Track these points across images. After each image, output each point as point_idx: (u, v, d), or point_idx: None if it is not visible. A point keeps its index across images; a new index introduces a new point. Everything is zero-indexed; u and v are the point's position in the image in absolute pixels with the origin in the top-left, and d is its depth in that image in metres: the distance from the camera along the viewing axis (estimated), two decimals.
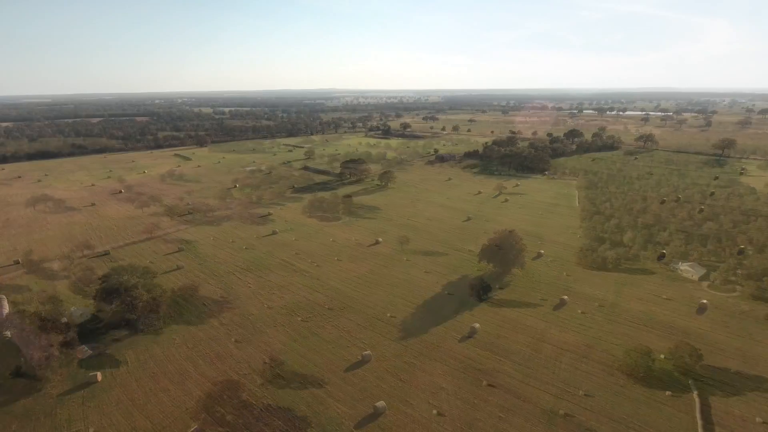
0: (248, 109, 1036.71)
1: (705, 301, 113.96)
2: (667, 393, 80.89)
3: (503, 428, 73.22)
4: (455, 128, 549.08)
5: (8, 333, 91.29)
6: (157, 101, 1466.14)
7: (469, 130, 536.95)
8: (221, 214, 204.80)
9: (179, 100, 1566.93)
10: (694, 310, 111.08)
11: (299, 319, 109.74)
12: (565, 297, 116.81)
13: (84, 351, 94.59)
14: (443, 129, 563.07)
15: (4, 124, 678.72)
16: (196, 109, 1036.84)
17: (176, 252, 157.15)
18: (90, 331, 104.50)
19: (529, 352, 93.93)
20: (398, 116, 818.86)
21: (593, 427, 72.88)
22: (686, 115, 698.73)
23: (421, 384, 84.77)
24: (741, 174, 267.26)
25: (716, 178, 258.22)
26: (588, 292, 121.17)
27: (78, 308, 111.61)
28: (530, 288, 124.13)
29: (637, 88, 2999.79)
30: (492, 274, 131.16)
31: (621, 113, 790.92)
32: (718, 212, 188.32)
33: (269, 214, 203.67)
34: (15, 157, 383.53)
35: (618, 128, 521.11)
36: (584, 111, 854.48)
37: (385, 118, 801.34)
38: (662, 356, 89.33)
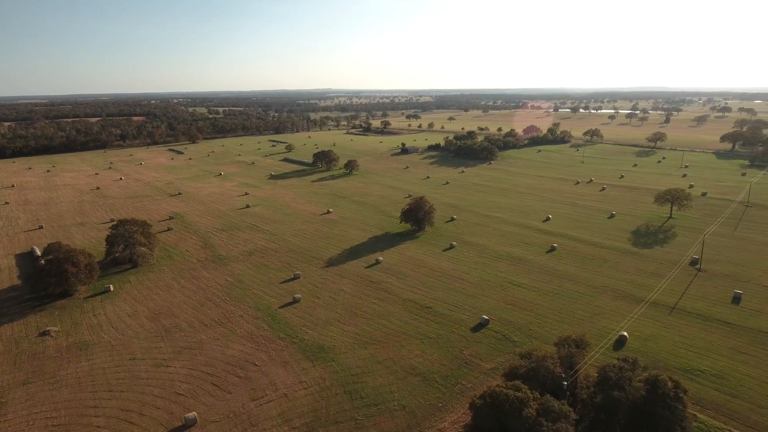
0: (242, 108, 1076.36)
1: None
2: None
3: (375, 308, 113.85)
4: (430, 125, 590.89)
5: (43, 261, 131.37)
6: (153, 101, 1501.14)
7: (442, 127, 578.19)
8: (206, 193, 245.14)
9: (175, 101, 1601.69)
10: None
11: (255, 257, 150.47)
12: (455, 243, 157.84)
13: (99, 274, 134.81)
14: (419, 126, 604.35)
15: (6, 124, 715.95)
16: (191, 109, 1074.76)
17: (167, 220, 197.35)
18: (102, 265, 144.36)
19: (410, 272, 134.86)
20: (384, 115, 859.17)
21: (430, 304, 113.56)
22: (652, 113, 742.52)
23: (329, 288, 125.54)
24: (659, 163, 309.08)
25: (635, 165, 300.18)
26: (475, 241, 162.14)
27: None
28: (433, 238, 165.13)
29: (632, 88, 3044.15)
30: (409, 230, 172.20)
31: (594, 111, 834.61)
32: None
33: (246, 194, 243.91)
34: (22, 152, 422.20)
35: (581, 124, 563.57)
36: (559, 110, 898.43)
37: (370, 116, 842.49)
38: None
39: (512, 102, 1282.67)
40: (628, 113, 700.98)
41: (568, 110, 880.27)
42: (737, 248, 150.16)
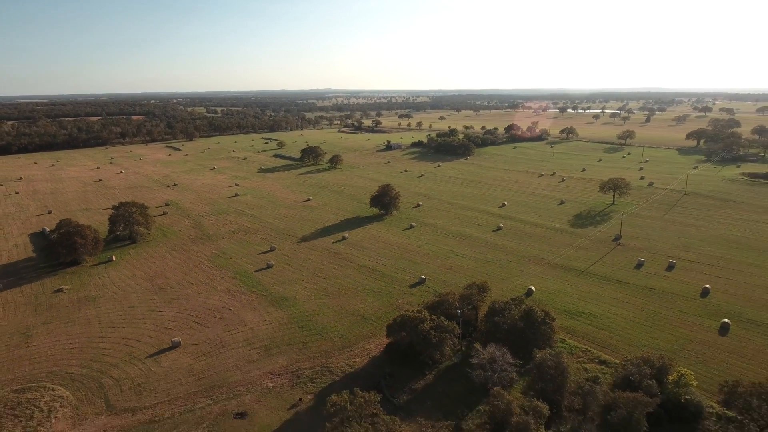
0: (240, 108, 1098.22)
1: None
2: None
3: (334, 271, 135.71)
4: (419, 124, 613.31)
5: (55, 235, 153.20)
6: (152, 101, 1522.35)
7: (430, 126, 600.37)
8: (199, 184, 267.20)
9: (174, 101, 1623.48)
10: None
11: (238, 235, 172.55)
12: (414, 224, 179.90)
13: (103, 247, 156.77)
14: (409, 125, 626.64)
15: (9, 122, 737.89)
16: (189, 109, 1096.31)
17: (164, 206, 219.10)
18: (106, 242, 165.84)
19: (370, 246, 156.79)
20: (378, 115, 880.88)
21: (381, 269, 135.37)
22: (638, 113, 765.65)
23: (299, 257, 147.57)
24: (623, 158, 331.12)
25: (600, 160, 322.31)
26: (433, 222, 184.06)
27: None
28: (397, 221, 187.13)
29: (632, 88, 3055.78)
30: (377, 214, 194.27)
31: (582, 111, 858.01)
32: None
33: (236, 185, 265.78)
34: (27, 149, 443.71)
35: (565, 123, 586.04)
36: (548, 110, 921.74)
37: (365, 116, 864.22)
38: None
39: (506, 102, 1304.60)
40: (612, 113, 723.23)
41: (557, 110, 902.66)
42: (659, 228, 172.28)
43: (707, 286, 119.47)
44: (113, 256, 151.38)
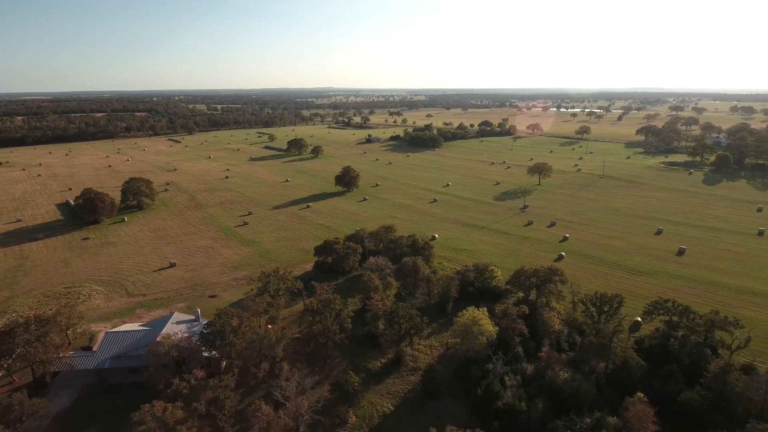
0: (239, 106, 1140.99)
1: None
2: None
3: (294, 226, 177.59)
4: (404, 121, 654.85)
5: (80, 200, 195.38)
6: (154, 99, 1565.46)
7: (414, 122, 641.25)
8: (196, 170, 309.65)
9: (176, 98, 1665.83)
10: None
11: (225, 204, 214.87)
12: (368, 197, 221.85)
13: (117, 211, 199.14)
14: (395, 122, 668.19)
15: (19, 118, 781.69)
16: (191, 106, 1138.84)
17: (165, 185, 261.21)
18: (118, 210, 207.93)
19: (327, 212, 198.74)
20: (371, 113, 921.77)
21: (330, 225, 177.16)
22: (616, 111, 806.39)
23: (270, 218, 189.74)
24: (573, 150, 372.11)
25: (551, 151, 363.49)
26: (383, 196, 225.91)
27: None
28: (355, 195, 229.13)
29: (633, 89, 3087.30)
30: (341, 191, 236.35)
31: (565, 109, 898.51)
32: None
33: (227, 170, 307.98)
34: (41, 141, 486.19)
35: (540, 120, 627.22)
36: (533, 108, 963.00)
37: (359, 114, 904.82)
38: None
39: (497, 101, 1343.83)
40: (588, 111, 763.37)
41: (540, 109, 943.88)
42: (563, 201, 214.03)
43: (567, 235, 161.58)
44: (125, 218, 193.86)
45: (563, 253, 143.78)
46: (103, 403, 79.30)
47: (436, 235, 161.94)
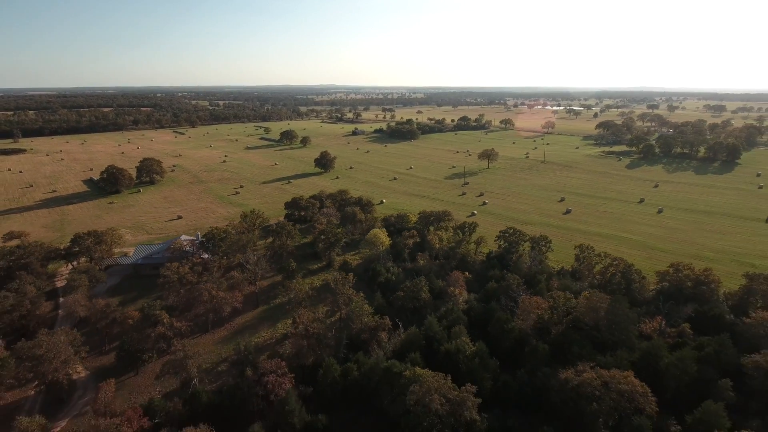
0: (241, 102, 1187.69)
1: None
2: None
3: (276, 195, 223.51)
4: (393, 116, 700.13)
5: (104, 174, 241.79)
6: (159, 95, 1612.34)
7: (401, 118, 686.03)
8: (198, 155, 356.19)
9: (180, 94, 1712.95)
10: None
11: (221, 181, 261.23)
12: (340, 176, 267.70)
13: (134, 185, 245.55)
14: (384, 117, 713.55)
15: (30, 112, 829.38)
16: (194, 102, 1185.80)
17: (172, 167, 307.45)
18: (134, 184, 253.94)
19: (305, 186, 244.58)
20: (366, 110, 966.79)
21: (303, 195, 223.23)
22: (595, 109, 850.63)
23: (257, 190, 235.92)
24: (533, 141, 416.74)
25: (513, 142, 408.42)
26: (353, 176, 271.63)
27: None
28: (330, 175, 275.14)
29: (633, 88, 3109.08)
30: (319, 172, 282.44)
31: (549, 107, 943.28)
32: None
33: (225, 155, 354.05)
34: (57, 132, 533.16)
35: (519, 117, 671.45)
36: (518, 105, 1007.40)
37: (354, 110, 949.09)
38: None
39: (488, 100, 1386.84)
40: (569, 109, 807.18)
41: (525, 106, 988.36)
42: (502, 179, 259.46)
43: (486, 201, 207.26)
44: (140, 189, 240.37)
45: (475, 212, 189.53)
46: (137, 283, 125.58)
47: (384, 200, 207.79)
